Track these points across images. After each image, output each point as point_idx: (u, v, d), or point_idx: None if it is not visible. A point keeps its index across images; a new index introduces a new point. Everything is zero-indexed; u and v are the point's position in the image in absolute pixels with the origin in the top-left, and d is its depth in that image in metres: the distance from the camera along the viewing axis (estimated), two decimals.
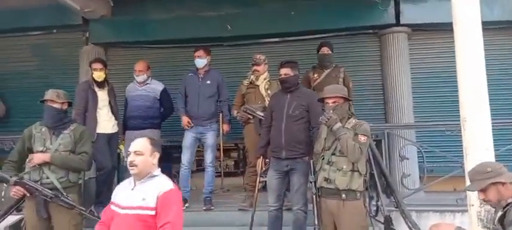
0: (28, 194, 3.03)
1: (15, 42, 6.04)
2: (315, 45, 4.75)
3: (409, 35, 5.41)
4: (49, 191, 3.02)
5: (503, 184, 2.10)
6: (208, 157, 4.34)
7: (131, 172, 2.27)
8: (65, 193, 3.05)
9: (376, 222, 3.40)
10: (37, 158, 3.07)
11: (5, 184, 3.27)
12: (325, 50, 4.49)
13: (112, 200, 2.34)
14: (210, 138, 4.32)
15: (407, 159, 4.23)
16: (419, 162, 4.63)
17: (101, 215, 2.40)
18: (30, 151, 3.14)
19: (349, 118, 3.08)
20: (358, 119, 3.14)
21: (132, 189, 2.27)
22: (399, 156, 4.29)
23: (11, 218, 3.55)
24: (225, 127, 4.53)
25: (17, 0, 5.39)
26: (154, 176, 2.31)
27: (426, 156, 4.24)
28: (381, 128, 4.53)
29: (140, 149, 2.28)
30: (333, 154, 2.97)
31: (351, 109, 3.81)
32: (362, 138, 2.92)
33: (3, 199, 3.46)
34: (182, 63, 5.52)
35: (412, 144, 4.42)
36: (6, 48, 6.06)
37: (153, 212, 2.17)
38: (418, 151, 4.73)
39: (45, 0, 5.13)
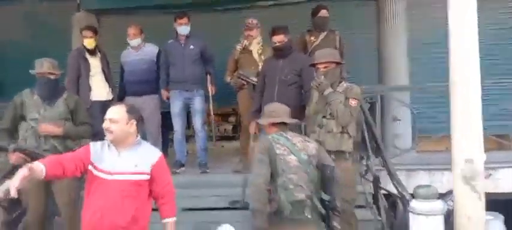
0: (29, 160, 3.03)
1: (5, 11, 5.94)
2: (307, 9, 4.68)
3: None
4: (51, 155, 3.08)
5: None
6: (197, 122, 4.36)
7: (106, 138, 2.28)
8: None
9: (366, 181, 3.50)
10: (45, 129, 3.08)
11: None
12: (324, 13, 4.39)
13: (94, 163, 2.25)
14: (197, 103, 4.33)
15: (399, 120, 4.28)
16: (413, 123, 4.68)
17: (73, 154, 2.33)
18: (23, 118, 3.17)
19: (340, 82, 3.09)
20: (351, 82, 3.16)
21: (119, 156, 2.28)
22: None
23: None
24: (213, 89, 4.49)
25: None
26: (140, 143, 2.37)
27: (419, 117, 4.29)
28: (374, 90, 4.55)
29: (115, 117, 2.26)
30: (324, 117, 3.01)
31: (343, 73, 3.80)
32: (353, 102, 2.94)
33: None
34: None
35: (404, 105, 4.44)
36: None
37: (147, 177, 2.28)
38: (411, 113, 4.78)
39: None
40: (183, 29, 4.30)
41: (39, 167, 2.07)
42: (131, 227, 2.24)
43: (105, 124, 2.27)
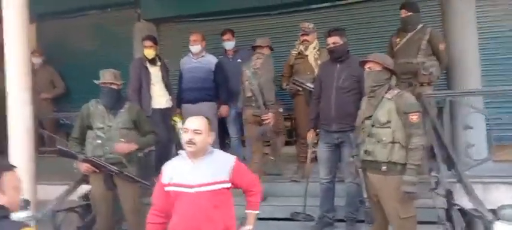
0: (97, 170, 3.29)
1: (73, 22, 6.34)
2: (366, 10, 4.45)
3: None
4: (113, 167, 3.26)
5: None
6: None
7: (188, 149, 2.25)
8: (129, 167, 3.28)
9: (437, 195, 3.21)
10: (121, 148, 3.26)
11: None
12: (402, 13, 4.13)
13: (168, 181, 2.27)
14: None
15: (471, 128, 3.87)
16: (487, 130, 4.25)
17: (153, 201, 2.38)
18: (90, 127, 3.35)
19: (390, 88, 2.83)
20: None
21: (195, 167, 2.27)
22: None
23: (83, 188, 3.87)
24: None
25: None
26: (212, 152, 2.34)
27: (494, 124, 3.88)
28: (442, 95, 4.20)
29: (200, 128, 2.25)
30: (373, 125, 2.79)
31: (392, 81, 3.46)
32: (414, 118, 2.67)
33: (75, 170, 3.76)
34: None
35: (477, 111, 4.01)
36: (65, 28, 6.38)
37: (228, 185, 2.27)
38: (485, 119, 4.35)
39: None
40: (229, 44, 4.66)
41: None
42: None
43: (189, 136, 2.23)
